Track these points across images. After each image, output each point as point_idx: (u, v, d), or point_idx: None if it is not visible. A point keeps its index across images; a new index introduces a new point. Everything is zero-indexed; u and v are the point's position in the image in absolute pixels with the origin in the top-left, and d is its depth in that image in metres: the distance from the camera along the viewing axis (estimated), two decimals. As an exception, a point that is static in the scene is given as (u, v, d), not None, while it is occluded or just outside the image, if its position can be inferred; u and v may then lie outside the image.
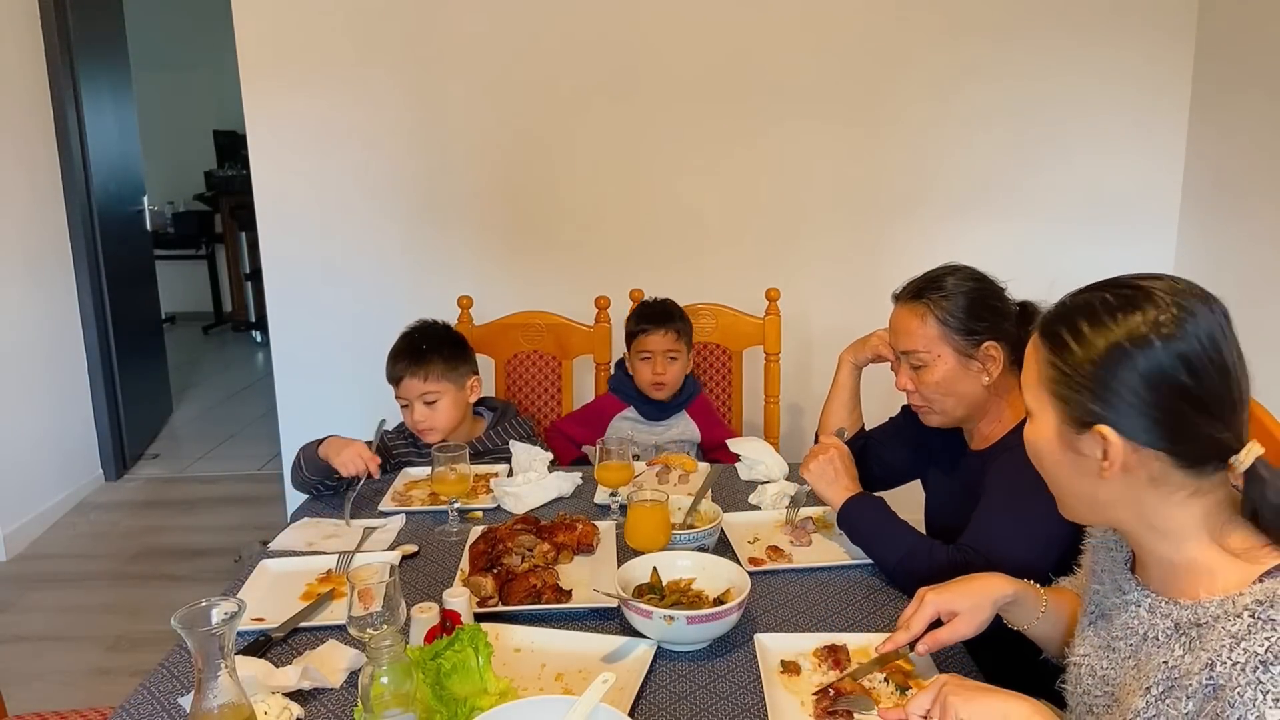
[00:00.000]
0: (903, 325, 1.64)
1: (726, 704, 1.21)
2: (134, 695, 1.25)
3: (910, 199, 3.18)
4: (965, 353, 1.59)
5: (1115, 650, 1.03)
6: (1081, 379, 0.93)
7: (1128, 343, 0.91)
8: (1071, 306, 0.98)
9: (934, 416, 1.67)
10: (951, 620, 1.17)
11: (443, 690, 1.14)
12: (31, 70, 3.75)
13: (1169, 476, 0.92)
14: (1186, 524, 0.94)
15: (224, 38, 3.25)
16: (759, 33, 3.09)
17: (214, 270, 7.26)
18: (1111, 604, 1.06)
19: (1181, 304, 0.91)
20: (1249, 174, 2.83)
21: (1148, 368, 0.90)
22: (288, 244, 3.26)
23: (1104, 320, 0.93)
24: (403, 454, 2.16)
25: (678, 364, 2.33)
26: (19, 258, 3.65)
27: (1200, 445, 0.91)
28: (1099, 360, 0.92)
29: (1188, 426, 0.91)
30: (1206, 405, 0.90)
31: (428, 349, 2.10)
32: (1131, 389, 0.91)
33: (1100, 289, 0.97)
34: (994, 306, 1.60)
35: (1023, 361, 1.04)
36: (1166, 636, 0.94)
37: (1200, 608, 0.92)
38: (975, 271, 1.64)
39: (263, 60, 3.12)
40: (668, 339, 2.32)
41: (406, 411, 2.12)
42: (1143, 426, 0.91)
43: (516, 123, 3.17)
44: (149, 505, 4.00)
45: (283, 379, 3.37)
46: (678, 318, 2.35)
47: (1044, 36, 3.06)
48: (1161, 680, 0.91)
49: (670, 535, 1.57)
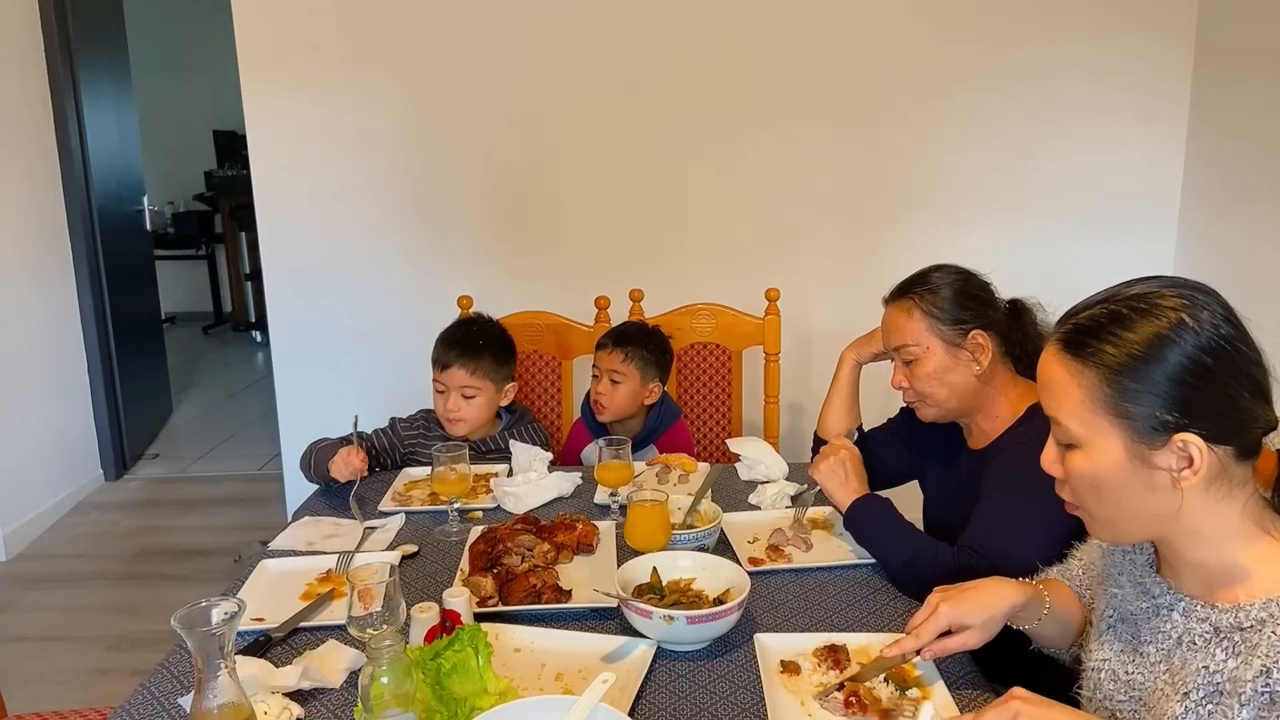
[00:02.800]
0: (892, 323, 1.68)
1: (726, 704, 1.21)
2: (134, 695, 1.25)
3: (910, 199, 3.18)
4: (953, 343, 1.62)
5: (1143, 655, 1.01)
6: (1145, 386, 0.90)
7: (1177, 335, 0.89)
8: (1095, 320, 0.94)
9: (929, 410, 1.69)
10: (961, 631, 1.15)
11: (443, 690, 1.14)
12: (31, 70, 3.75)
13: (1229, 472, 0.91)
14: (1230, 520, 0.93)
15: (224, 38, 3.24)
16: (759, 33, 3.09)
17: (214, 270, 7.26)
18: (1136, 608, 1.04)
19: (1193, 292, 0.92)
20: (1249, 174, 2.83)
21: (1206, 355, 0.89)
22: (288, 244, 3.26)
23: (1142, 323, 0.91)
24: (413, 444, 2.17)
25: (621, 388, 2.22)
26: (19, 258, 3.65)
27: (1256, 430, 0.91)
28: (1156, 361, 0.89)
29: (1247, 412, 0.90)
30: (1259, 384, 0.90)
31: (483, 345, 2.12)
32: (1196, 383, 0.89)
33: (1108, 302, 0.95)
34: (978, 296, 1.64)
35: (1013, 354, 1.03)
36: (1205, 641, 0.93)
37: (1242, 611, 0.90)
38: (959, 267, 1.68)
39: (263, 60, 3.12)
40: (613, 359, 2.22)
41: (440, 397, 2.12)
42: (1215, 422, 0.89)
43: (517, 122, 3.17)
44: (149, 505, 4.00)
45: (283, 379, 3.36)
46: (633, 341, 2.24)
47: (1044, 37, 3.06)
48: (1203, 685, 0.90)
49: (670, 535, 1.58)
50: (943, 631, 1.15)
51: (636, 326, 2.37)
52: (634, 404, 2.25)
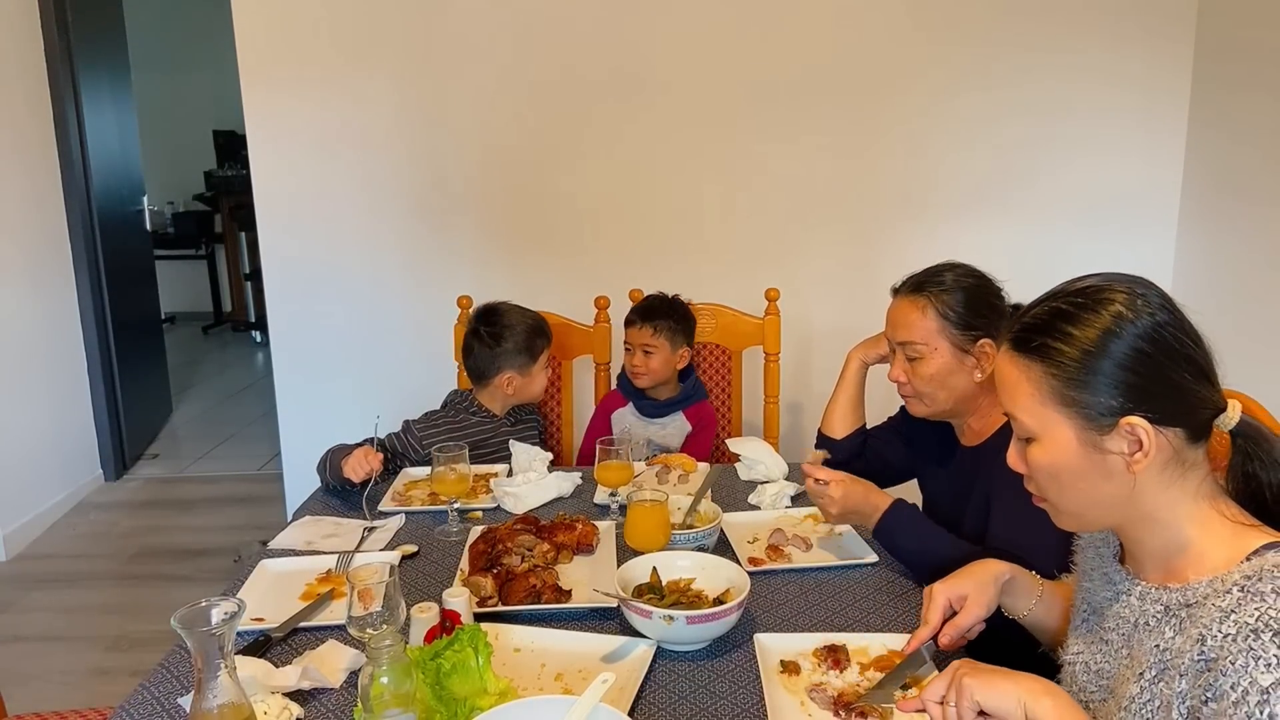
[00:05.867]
0: (902, 317, 1.66)
1: (726, 704, 1.21)
2: (134, 695, 1.25)
3: (910, 199, 3.18)
4: (962, 348, 1.61)
5: (1108, 643, 1.04)
6: (1089, 376, 0.94)
7: (1116, 326, 0.93)
8: (1040, 318, 0.99)
9: (920, 406, 1.69)
10: (964, 605, 1.20)
11: (443, 690, 1.14)
12: (31, 70, 3.75)
13: (1181, 455, 0.94)
14: (1184, 503, 0.96)
15: (224, 38, 3.25)
16: (758, 34, 3.09)
17: (214, 270, 7.26)
18: (1102, 598, 1.08)
19: (1131, 284, 0.96)
20: (1249, 174, 2.83)
21: (1144, 343, 0.93)
22: (288, 244, 3.26)
23: (1083, 316, 0.95)
24: (432, 441, 2.17)
25: (655, 357, 2.39)
26: (19, 258, 3.65)
27: (1203, 412, 0.94)
28: (1097, 352, 0.94)
29: (1192, 394, 0.93)
30: (1201, 367, 0.94)
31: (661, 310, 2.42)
32: (1137, 369, 0.93)
33: (1053, 300, 0.99)
34: (993, 304, 1.63)
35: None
36: (1157, 620, 0.96)
37: (1190, 589, 0.93)
38: (974, 269, 1.67)
39: (263, 61, 3.12)
40: (644, 334, 2.40)
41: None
42: (1160, 405, 0.93)
43: (517, 122, 3.17)
44: (149, 505, 4.00)
45: (282, 379, 3.36)
46: (659, 315, 2.41)
47: (1044, 37, 3.06)
48: (1155, 664, 0.92)
49: (670, 535, 1.58)
50: (947, 615, 1.20)
51: (659, 299, 2.47)
52: (669, 369, 2.43)
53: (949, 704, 0.95)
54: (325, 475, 2.00)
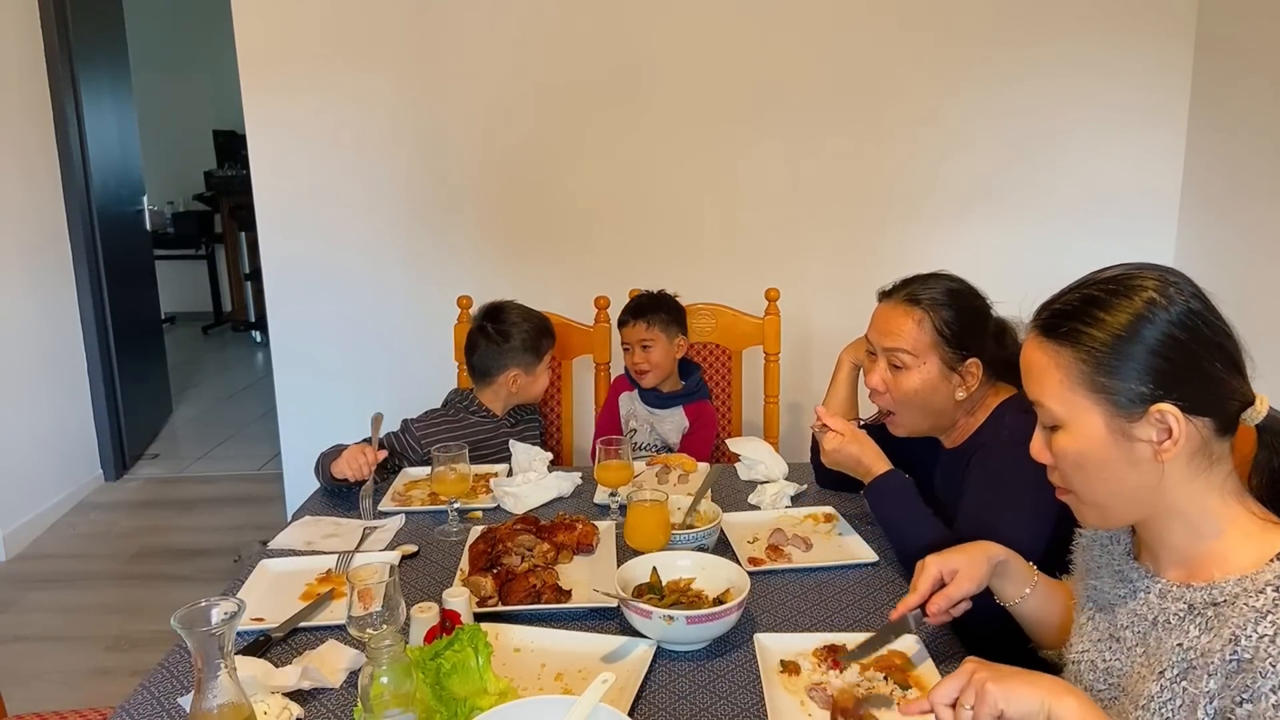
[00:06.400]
0: (894, 325, 1.62)
1: (726, 704, 1.21)
2: (134, 695, 1.25)
3: (910, 198, 3.18)
4: (950, 365, 1.59)
5: (1120, 640, 1.03)
6: (1120, 361, 0.93)
7: (1149, 311, 0.92)
8: (1070, 304, 0.98)
9: (899, 427, 1.68)
10: (954, 578, 1.20)
11: (443, 690, 1.14)
12: (31, 70, 3.75)
13: (1208, 447, 0.94)
14: (1210, 498, 0.95)
15: (224, 38, 3.25)
16: (758, 34, 3.09)
17: (214, 270, 7.27)
18: (1114, 595, 1.06)
19: (1163, 273, 0.95)
20: (1249, 172, 2.83)
21: (1177, 329, 0.92)
22: (287, 244, 3.26)
23: (1116, 302, 0.94)
24: (432, 440, 2.17)
25: (654, 350, 2.44)
26: (18, 258, 3.65)
27: (1232, 403, 0.93)
28: (1129, 337, 0.93)
29: (1222, 383, 0.93)
30: (1231, 357, 0.93)
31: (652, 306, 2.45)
32: (1169, 355, 0.92)
33: (1083, 287, 0.98)
34: (984, 325, 1.61)
35: (997, 377, 1.04)
36: (1179, 619, 0.94)
37: (1216, 588, 0.92)
38: (968, 284, 1.64)
39: (263, 61, 3.12)
40: (638, 330, 2.44)
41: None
42: (1191, 393, 0.92)
43: (516, 122, 3.17)
44: (149, 505, 4.00)
45: (282, 379, 3.36)
46: (650, 309, 2.45)
47: (1044, 36, 3.06)
48: (1177, 663, 0.91)
49: (670, 535, 1.57)
50: (937, 587, 1.21)
51: (647, 296, 2.52)
52: (669, 360, 2.48)
53: (964, 707, 0.91)
54: (320, 477, 2.00)
